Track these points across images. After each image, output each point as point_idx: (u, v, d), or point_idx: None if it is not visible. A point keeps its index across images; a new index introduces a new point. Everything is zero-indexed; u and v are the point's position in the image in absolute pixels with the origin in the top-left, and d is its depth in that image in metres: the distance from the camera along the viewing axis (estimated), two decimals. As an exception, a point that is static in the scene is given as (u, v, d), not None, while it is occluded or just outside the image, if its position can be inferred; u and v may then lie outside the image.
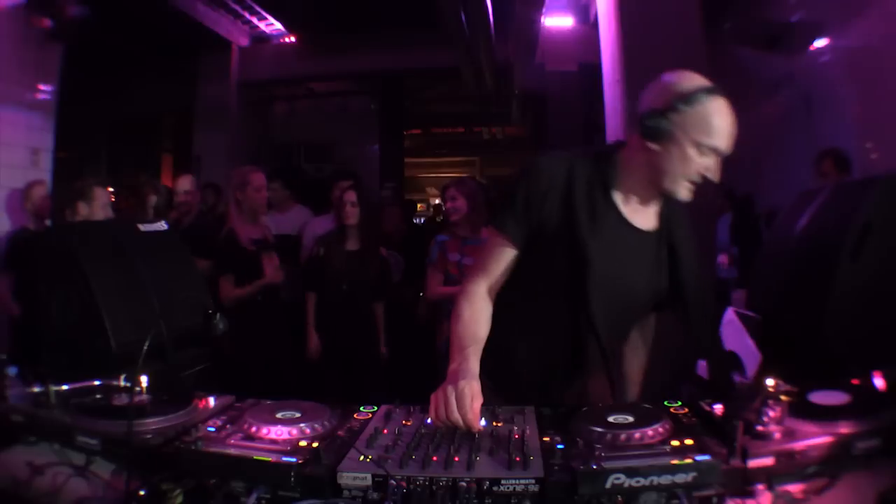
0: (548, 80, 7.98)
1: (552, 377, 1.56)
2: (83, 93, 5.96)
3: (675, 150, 1.39)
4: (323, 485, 1.01)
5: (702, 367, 1.97)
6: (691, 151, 1.38)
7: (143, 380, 1.31)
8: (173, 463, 1.09)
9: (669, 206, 1.54)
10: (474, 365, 1.31)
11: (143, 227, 1.86)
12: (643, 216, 1.52)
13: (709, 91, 1.37)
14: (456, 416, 1.17)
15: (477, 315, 1.44)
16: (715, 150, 1.39)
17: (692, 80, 1.40)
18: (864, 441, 1.05)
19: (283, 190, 4.45)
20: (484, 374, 1.30)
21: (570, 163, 1.49)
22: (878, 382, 1.18)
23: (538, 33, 6.83)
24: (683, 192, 1.44)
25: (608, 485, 0.95)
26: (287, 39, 8.94)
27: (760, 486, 1.01)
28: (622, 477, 0.95)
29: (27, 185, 4.09)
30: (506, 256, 1.49)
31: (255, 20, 8.42)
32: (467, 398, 1.18)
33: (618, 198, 1.49)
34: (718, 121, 1.37)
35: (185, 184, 4.22)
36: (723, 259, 4.26)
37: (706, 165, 1.40)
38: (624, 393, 1.66)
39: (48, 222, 3.80)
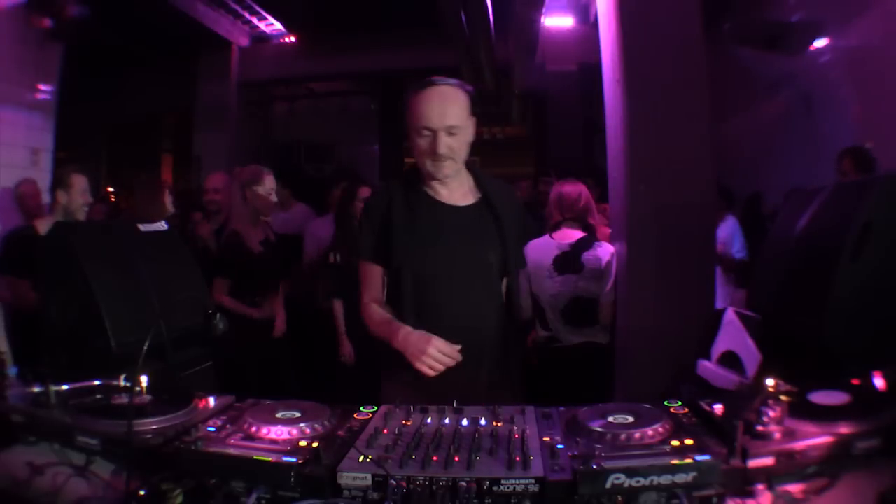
0: (548, 80, 7.99)
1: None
2: (83, 93, 5.97)
3: (411, 141, 1.77)
4: (323, 485, 1.01)
5: (702, 366, 1.97)
6: (415, 136, 1.75)
7: (143, 380, 1.31)
8: (173, 463, 1.09)
9: (483, 184, 1.87)
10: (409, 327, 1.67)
11: (143, 227, 1.86)
12: (459, 196, 1.84)
13: (417, 87, 1.73)
14: (444, 357, 1.56)
15: (383, 312, 1.78)
16: (427, 129, 1.72)
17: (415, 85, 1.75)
18: (864, 441, 1.05)
19: (283, 189, 4.42)
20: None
21: (388, 187, 1.88)
22: (878, 382, 1.18)
23: (538, 33, 6.82)
24: (433, 169, 1.76)
25: (608, 485, 0.95)
26: (287, 39, 8.94)
27: (760, 486, 1.01)
28: (622, 477, 0.95)
29: (16, 185, 4.02)
30: (374, 272, 1.84)
31: (255, 20, 8.42)
32: (447, 348, 1.59)
33: (431, 189, 1.83)
34: (420, 107, 1.72)
35: (215, 181, 4.01)
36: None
37: (429, 143, 1.73)
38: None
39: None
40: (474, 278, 1.79)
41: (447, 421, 1.22)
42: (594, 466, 0.97)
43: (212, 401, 1.35)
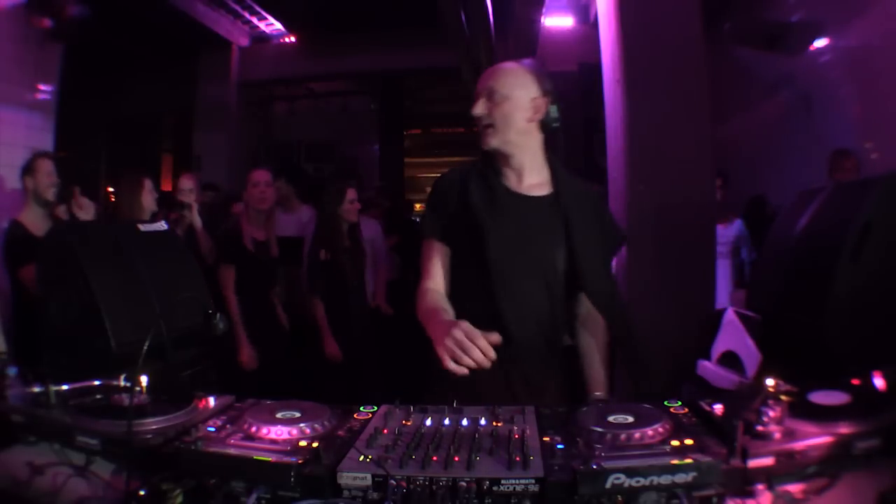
0: (548, 80, 7.98)
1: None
2: (83, 93, 5.96)
3: None
4: (323, 485, 1.01)
5: (702, 366, 1.97)
6: None
7: (143, 380, 1.31)
8: (173, 463, 1.09)
9: (559, 179, 1.71)
10: (455, 318, 1.49)
11: (143, 227, 1.86)
12: (530, 186, 1.71)
13: None
14: (475, 352, 1.28)
15: (435, 299, 1.64)
16: (476, 94, 1.70)
17: None
18: (864, 441, 1.05)
19: (287, 187, 4.40)
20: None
21: (465, 167, 1.77)
22: (878, 382, 1.18)
23: (538, 33, 6.82)
24: (481, 138, 1.69)
25: (608, 485, 0.95)
26: (287, 39, 8.94)
27: (760, 486, 1.01)
28: (622, 477, 0.95)
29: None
30: (438, 254, 1.72)
31: (255, 20, 8.42)
32: (474, 332, 1.31)
33: (506, 176, 1.72)
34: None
35: (186, 183, 4.09)
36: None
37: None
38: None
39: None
40: (533, 274, 1.65)
41: (447, 421, 1.21)
42: (594, 466, 0.97)
43: (212, 401, 1.34)
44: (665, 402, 1.25)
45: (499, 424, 1.19)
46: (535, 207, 1.68)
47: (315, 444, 1.08)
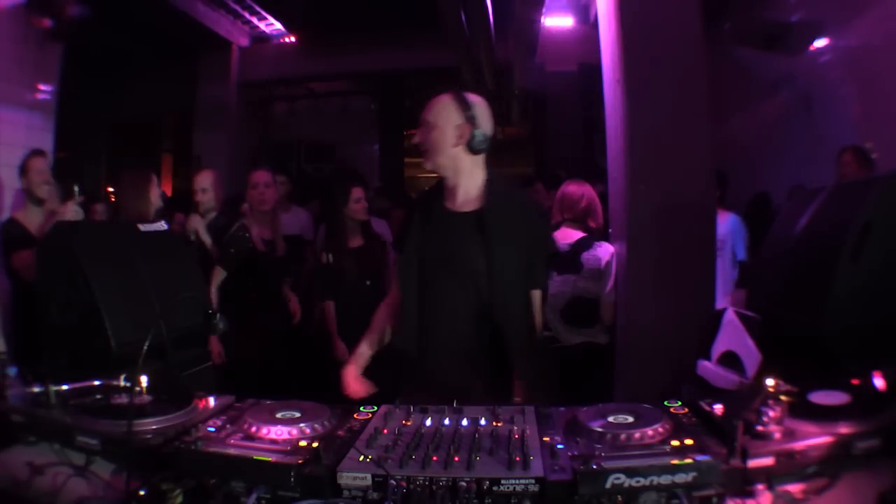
0: (548, 80, 7.98)
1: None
2: (83, 93, 5.96)
3: None
4: (323, 485, 1.01)
5: (702, 367, 1.97)
6: None
7: (143, 380, 1.31)
8: (173, 463, 1.09)
9: (490, 192, 1.88)
10: (362, 347, 2.00)
11: (143, 227, 1.86)
12: (463, 203, 1.90)
13: None
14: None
15: (377, 318, 2.04)
16: None
17: None
18: (864, 441, 1.05)
19: (287, 185, 4.39)
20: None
21: (426, 190, 2.04)
22: (878, 382, 1.18)
23: (538, 33, 6.82)
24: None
25: (608, 485, 0.95)
26: (287, 39, 8.92)
27: (760, 486, 1.01)
28: (622, 477, 0.95)
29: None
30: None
31: (255, 20, 8.40)
32: (351, 375, 1.92)
33: (445, 195, 1.93)
34: None
35: (203, 181, 3.96)
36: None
37: None
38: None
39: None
40: (455, 282, 1.85)
41: (447, 421, 1.22)
42: (594, 466, 0.97)
43: (212, 401, 1.35)
44: (665, 402, 1.25)
45: (499, 424, 1.19)
46: (463, 223, 1.86)
47: (315, 444, 1.08)
